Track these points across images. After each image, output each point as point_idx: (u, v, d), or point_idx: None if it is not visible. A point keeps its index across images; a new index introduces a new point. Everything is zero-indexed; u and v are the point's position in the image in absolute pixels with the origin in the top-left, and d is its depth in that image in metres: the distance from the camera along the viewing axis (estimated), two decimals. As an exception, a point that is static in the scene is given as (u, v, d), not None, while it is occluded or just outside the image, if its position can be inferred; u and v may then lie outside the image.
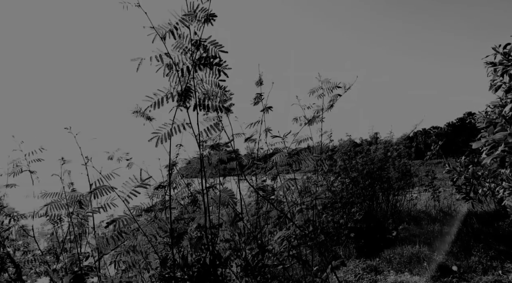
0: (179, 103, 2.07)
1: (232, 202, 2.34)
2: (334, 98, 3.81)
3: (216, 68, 2.18)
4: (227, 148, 2.40)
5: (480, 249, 5.64)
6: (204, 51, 2.13)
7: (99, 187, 2.12)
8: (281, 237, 2.52)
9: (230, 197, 2.30)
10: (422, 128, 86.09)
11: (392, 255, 5.74)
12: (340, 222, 7.15)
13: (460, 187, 7.47)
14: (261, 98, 3.33)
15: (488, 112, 5.69)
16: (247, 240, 2.58)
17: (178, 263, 2.15)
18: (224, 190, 2.35)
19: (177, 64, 2.10)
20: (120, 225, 2.09)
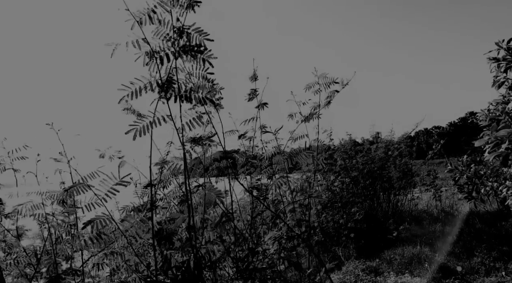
0: (161, 95, 1.95)
1: (220, 202, 2.22)
2: (332, 94, 3.69)
3: (200, 57, 2.06)
4: (211, 142, 2.28)
5: (483, 249, 5.51)
6: (187, 39, 2.01)
7: (74, 186, 2.01)
8: (272, 238, 2.41)
9: (217, 196, 2.18)
10: (424, 128, 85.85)
11: (392, 255, 5.62)
12: (340, 222, 7.03)
13: (462, 186, 7.34)
14: (256, 94, 3.21)
15: (491, 110, 5.56)
16: (237, 242, 2.47)
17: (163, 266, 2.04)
18: (210, 188, 2.22)
19: (158, 52, 1.98)
20: (99, 226, 1.98)
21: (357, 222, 7.31)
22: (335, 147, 8.63)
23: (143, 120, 1.95)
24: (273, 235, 2.43)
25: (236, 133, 3.18)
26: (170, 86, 1.95)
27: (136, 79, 1.93)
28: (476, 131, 5.41)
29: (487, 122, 5.46)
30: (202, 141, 2.18)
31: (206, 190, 2.16)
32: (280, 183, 2.51)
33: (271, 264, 2.20)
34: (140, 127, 1.94)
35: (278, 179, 2.50)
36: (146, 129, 1.96)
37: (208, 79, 2.27)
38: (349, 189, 8.20)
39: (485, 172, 7.02)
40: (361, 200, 8.04)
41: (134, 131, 1.92)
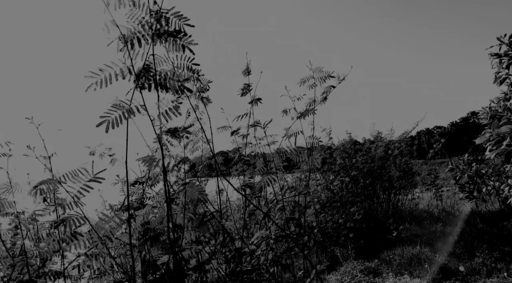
0: (136, 83, 1.83)
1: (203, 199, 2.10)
2: (328, 89, 3.58)
3: (179, 42, 1.94)
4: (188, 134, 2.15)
5: (484, 250, 5.39)
6: (166, 24, 1.89)
7: (43, 182, 1.90)
8: (258, 238, 2.29)
9: (199, 193, 2.06)
10: (426, 127, 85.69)
11: (392, 256, 5.51)
12: (339, 222, 6.91)
13: (463, 186, 7.22)
14: (249, 89, 3.10)
15: (492, 107, 5.45)
16: (224, 242, 2.36)
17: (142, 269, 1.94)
18: (192, 185, 2.10)
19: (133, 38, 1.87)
20: (72, 226, 1.87)
21: (357, 222, 7.19)
22: (334, 146, 8.52)
23: (115, 111, 1.83)
24: (259, 235, 2.31)
25: (229, 129, 3.08)
26: (147, 74, 1.84)
27: (106, 66, 1.81)
28: (478, 131, 5.30)
29: (488, 120, 5.35)
30: (179, 133, 2.06)
31: (187, 187, 2.05)
32: (268, 180, 2.40)
33: (256, 266, 2.09)
34: (112, 118, 1.82)
35: (267, 177, 2.39)
36: (119, 120, 1.84)
37: (193, 70, 2.17)
38: (348, 188, 8.08)
39: (487, 171, 6.90)
40: (360, 200, 7.92)
41: (106, 123, 1.81)
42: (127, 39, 1.79)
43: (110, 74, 1.81)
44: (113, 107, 1.81)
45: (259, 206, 2.84)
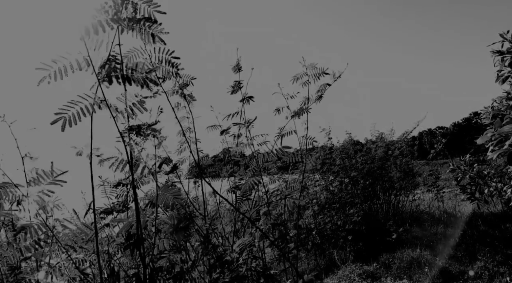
0: (100, 77, 1.69)
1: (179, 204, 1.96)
2: (323, 88, 3.46)
3: (148, 31, 1.80)
4: (154, 132, 2.00)
5: (486, 253, 5.24)
6: (134, 11, 1.75)
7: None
8: (240, 246, 2.15)
9: (174, 197, 1.92)
10: (428, 128, 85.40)
11: (391, 259, 5.37)
12: (338, 224, 6.77)
13: (464, 187, 7.07)
14: (240, 86, 2.97)
15: (495, 107, 5.31)
16: (205, 250, 2.22)
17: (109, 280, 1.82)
18: (166, 188, 1.96)
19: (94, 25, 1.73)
20: (33, 234, 1.74)
21: (356, 223, 7.05)
22: (333, 147, 8.39)
23: (73, 107, 1.70)
24: (241, 243, 2.18)
25: (219, 128, 2.95)
26: (111, 66, 1.70)
27: (61, 57, 1.68)
28: (480, 131, 5.17)
29: (491, 120, 5.20)
30: (143, 130, 1.92)
31: (160, 190, 1.92)
32: (253, 183, 2.27)
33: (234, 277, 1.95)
34: (69, 115, 1.69)
35: (251, 179, 2.25)
36: (77, 117, 1.71)
37: (173, 64, 2.04)
38: (348, 189, 7.94)
39: (489, 171, 6.75)
40: (360, 201, 7.78)
41: (62, 120, 1.67)
42: (89, 27, 1.65)
43: (65, 65, 1.68)
44: (70, 103, 1.67)
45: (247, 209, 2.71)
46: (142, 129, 1.85)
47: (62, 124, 1.67)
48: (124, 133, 1.86)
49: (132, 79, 1.73)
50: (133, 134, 1.86)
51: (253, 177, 2.25)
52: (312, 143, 3.04)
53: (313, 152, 8.65)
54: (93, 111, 1.72)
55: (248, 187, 2.23)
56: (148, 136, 1.91)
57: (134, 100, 1.78)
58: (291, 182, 3.46)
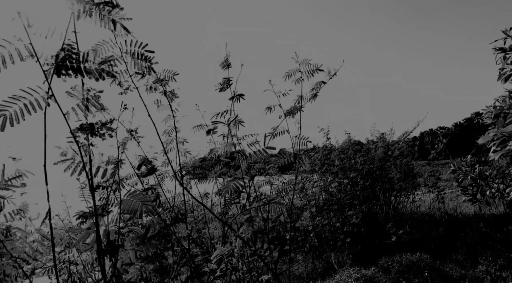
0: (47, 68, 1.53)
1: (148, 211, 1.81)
2: (318, 86, 3.31)
3: (108, 16, 1.63)
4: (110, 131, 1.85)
5: (488, 257, 5.09)
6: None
7: None
8: (218, 256, 2.00)
9: (143, 203, 1.76)
10: (429, 128, 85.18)
11: (390, 263, 5.22)
12: (336, 226, 6.61)
13: (466, 188, 6.92)
14: (229, 83, 2.83)
15: (497, 106, 5.17)
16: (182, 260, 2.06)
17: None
18: (134, 194, 1.80)
19: None
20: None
21: (354, 225, 6.90)
22: (332, 147, 8.24)
23: (14, 103, 1.54)
24: (219, 252, 2.01)
25: (205, 127, 2.81)
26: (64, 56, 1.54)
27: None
28: (482, 132, 5.03)
29: (493, 120, 5.06)
30: (97, 130, 1.76)
31: (127, 196, 1.76)
32: (235, 187, 2.12)
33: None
34: (11, 113, 1.53)
35: (233, 182, 2.10)
36: (20, 114, 1.55)
37: (146, 57, 1.89)
38: (347, 190, 7.79)
39: (491, 173, 6.59)
40: (359, 203, 7.63)
41: (1, 118, 1.51)
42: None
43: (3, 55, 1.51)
44: (12, 98, 1.52)
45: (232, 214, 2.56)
46: (95, 128, 1.69)
47: (2, 123, 1.51)
48: (76, 132, 1.71)
49: (86, 71, 1.57)
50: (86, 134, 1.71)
51: (234, 180, 2.10)
52: (306, 143, 2.89)
53: (312, 152, 8.52)
54: (46, 106, 1.56)
55: (230, 191, 2.08)
56: (104, 136, 1.76)
57: (88, 95, 1.62)
58: (285, 184, 3.31)
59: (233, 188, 2.06)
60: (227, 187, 2.07)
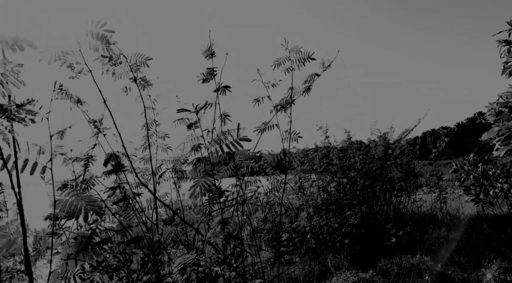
0: None
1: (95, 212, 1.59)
2: (311, 78, 3.12)
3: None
4: (30, 116, 1.58)
5: (492, 259, 4.88)
6: None
7: None
8: (180, 266, 1.77)
9: (87, 204, 1.53)
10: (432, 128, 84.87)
11: (389, 265, 5.02)
12: (335, 227, 6.40)
13: (468, 188, 6.70)
14: (213, 74, 2.64)
15: (500, 103, 4.96)
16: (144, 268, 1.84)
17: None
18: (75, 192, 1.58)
19: None
20: None
21: (353, 226, 6.70)
22: (331, 145, 8.03)
23: None
24: (181, 261, 1.79)
25: (187, 122, 2.61)
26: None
27: None
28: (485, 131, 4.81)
29: (496, 117, 4.85)
30: (11, 113, 1.51)
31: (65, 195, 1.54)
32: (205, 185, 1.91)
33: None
34: None
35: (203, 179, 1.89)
36: None
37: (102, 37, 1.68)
38: (346, 190, 7.59)
39: (494, 172, 6.37)
40: (358, 203, 7.43)
41: None
42: None
43: None
44: None
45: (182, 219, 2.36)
46: (7, 110, 1.45)
47: None
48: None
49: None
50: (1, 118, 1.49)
51: (204, 177, 1.89)
52: (296, 138, 2.69)
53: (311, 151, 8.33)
54: None
55: (201, 189, 1.86)
56: (24, 120, 1.55)
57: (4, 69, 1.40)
58: (275, 182, 3.11)
59: (205, 187, 1.84)
60: (195, 185, 1.85)
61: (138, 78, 2.18)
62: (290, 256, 6.49)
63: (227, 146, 1.83)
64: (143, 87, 2.26)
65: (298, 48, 2.67)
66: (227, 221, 2.03)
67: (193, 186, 1.83)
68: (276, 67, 2.72)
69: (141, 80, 2.21)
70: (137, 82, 2.19)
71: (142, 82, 2.22)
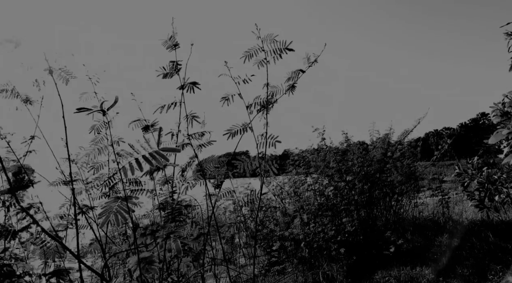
0: None
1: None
2: (295, 75, 2.76)
3: None
4: None
5: (498, 272, 4.50)
6: None
7: None
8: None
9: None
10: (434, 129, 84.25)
11: (387, 278, 4.65)
12: (330, 234, 6.01)
13: (472, 193, 6.30)
14: (177, 68, 2.28)
15: (506, 103, 4.60)
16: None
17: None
18: None
19: None
20: None
21: (350, 234, 6.33)
22: (327, 148, 7.65)
23: None
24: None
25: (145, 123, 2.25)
26: None
27: None
28: (488, 132, 4.43)
29: (501, 118, 4.48)
30: None
31: None
32: (119, 210, 1.54)
33: None
34: None
35: (114, 204, 1.49)
36: None
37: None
38: (343, 194, 7.20)
39: (500, 176, 5.98)
40: (355, 208, 7.05)
41: None
42: None
43: None
44: None
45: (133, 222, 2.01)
46: None
47: None
48: None
49: None
50: None
51: (116, 202, 1.48)
52: (274, 143, 2.34)
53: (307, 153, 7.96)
54: None
55: (116, 219, 1.46)
56: None
57: None
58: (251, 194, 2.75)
59: (118, 215, 1.43)
60: (107, 211, 1.44)
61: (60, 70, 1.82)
62: (284, 265, 6.13)
63: (146, 159, 1.47)
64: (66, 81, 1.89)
65: (273, 37, 2.30)
66: (151, 260, 1.61)
67: (102, 214, 1.45)
68: (247, 59, 2.35)
69: (63, 72, 1.85)
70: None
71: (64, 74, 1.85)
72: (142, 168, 1.37)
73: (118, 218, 1.38)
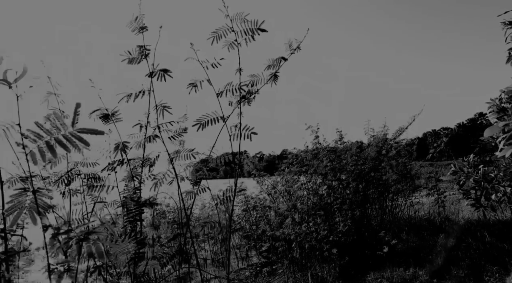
0: None
1: None
2: (276, 63, 2.59)
3: None
4: None
5: (494, 273, 4.34)
6: None
7: None
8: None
9: None
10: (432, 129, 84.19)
11: (379, 279, 4.47)
12: (323, 234, 5.82)
13: (468, 191, 6.14)
14: (145, 54, 2.09)
15: (503, 99, 4.44)
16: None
17: None
18: None
19: None
20: None
21: (343, 234, 6.14)
22: (321, 146, 7.47)
23: None
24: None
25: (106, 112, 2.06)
26: None
27: None
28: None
29: (498, 114, 4.32)
30: None
31: None
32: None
33: None
34: None
35: (19, 198, 1.30)
36: None
37: None
38: (337, 194, 7.02)
39: (496, 174, 5.81)
40: (348, 208, 6.87)
41: None
42: None
43: None
44: None
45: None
46: None
47: None
48: None
49: None
50: None
51: (21, 196, 1.26)
52: (249, 135, 2.15)
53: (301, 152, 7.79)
54: None
55: (31, 215, 1.25)
56: None
57: None
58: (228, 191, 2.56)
59: (34, 209, 1.25)
60: (15, 206, 1.24)
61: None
62: (275, 266, 5.95)
63: (60, 143, 1.27)
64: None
65: (243, 16, 2.11)
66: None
67: (9, 210, 1.24)
68: (216, 41, 2.16)
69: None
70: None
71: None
72: (55, 154, 1.18)
73: (34, 215, 1.18)
